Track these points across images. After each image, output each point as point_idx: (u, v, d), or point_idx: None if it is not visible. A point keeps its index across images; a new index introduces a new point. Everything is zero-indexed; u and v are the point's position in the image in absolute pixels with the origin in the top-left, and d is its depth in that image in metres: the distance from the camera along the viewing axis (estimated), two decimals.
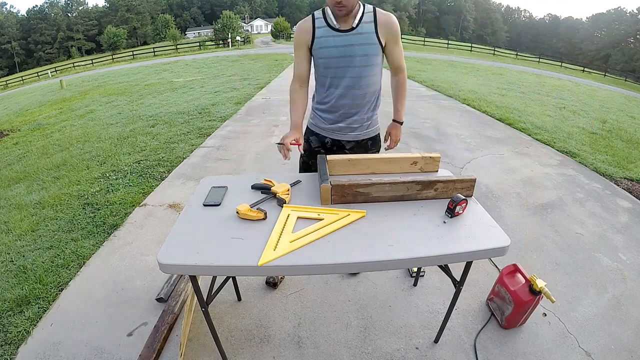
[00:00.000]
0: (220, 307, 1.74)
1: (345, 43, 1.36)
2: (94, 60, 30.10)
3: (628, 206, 2.83)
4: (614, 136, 4.90)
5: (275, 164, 3.52)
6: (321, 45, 1.38)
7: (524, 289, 1.52)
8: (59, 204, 2.84)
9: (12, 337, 1.62)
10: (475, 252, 1.06)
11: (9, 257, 2.22)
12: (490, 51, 28.24)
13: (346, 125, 1.53)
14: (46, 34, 58.17)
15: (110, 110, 6.55)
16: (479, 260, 1.95)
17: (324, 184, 1.21)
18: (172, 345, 1.55)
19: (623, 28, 54.17)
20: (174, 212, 2.64)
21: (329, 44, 1.37)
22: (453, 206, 1.15)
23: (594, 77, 22.77)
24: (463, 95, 6.87)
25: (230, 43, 28.49)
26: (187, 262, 0.99)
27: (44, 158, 4.10)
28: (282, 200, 1.23)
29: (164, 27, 52.09)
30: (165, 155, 3.72)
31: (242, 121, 5.11)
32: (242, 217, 1.15)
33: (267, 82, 8.53)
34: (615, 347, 1.57)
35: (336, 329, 1.64)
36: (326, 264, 1.00)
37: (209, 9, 76.82)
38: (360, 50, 1.37)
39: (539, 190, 3.02)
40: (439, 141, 4.21)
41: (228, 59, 15.81)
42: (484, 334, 1.61)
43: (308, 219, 1.17)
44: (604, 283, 1.96)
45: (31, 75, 28.90)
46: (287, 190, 1.29)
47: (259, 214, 1.15)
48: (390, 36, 1.40)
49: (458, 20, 77.21)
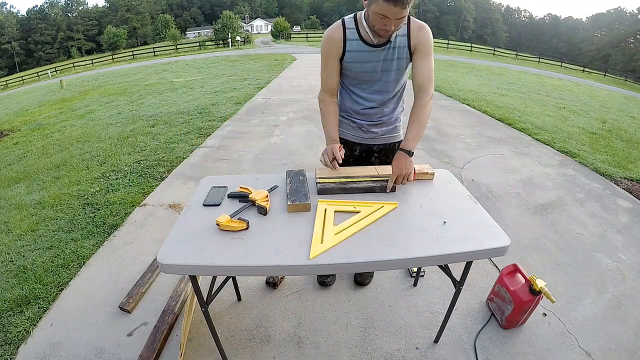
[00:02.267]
0: (220, 307, 1.74)
1: (380, 58, 1.29)
2: (94, 60, 30.11)
3: (628, 206, 2.83)
4: (614, 136, 4.90)
5: (275, 164, 3.52)
6: (353, 59, 1.30)
7: (524, 289, 1.53)
8: (59, 204, 2.84)
9: (12, 337, 1.62)
10: (475, 252, 1.05)
11: (9, 257, 2.22)
12: (490, 51, 28.25)
13: (376, 129, 1.50)
14: (46, 34, 58.20)
15: (110, 110, 6.55)
16: (479, 260, 1.94)
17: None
18: (172, 345, 1.55)
19: (623, 28, 54.18)
20: (174, 212, 2.64)
21: (362, 59, 1.29)
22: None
23: (594, 77, 22.77)
24: (463, 95, 6.87)
25: (230, 43, 28.48)
26: (187, 262, 0.99)
27: (44, 158, 4.10)
28: (262, 208, 1.18)
29: (164, 27, 52.13)
30: (165, 155, 3.72)
31: (242, 121, 5.11)
32: (223, 228, 1.10)
33: (267, 82, 8.53)
34: (615, 347, 1.57)
35: (336, 329, 1.64)
36: (327, 264, 1.00)
37: (209, 9, 76.86)
38: (396, 64, 1.31)
39: (539, 190, 3.02)
40: (439, 141, 4.20)
41: (228, 59, 15.80)
42: (484, 334, 1.61)
43: (345, 212, 1.20)
44: (604, 283, 1.96)
45: (31, 75, 28.91)
46: (266, 196, 1.25)
47: (240, 224, 1.11)
48: (420, 48, 1.27)
49: (458, 20, 77.21)
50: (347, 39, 1.28)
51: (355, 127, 1.51)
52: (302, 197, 1.23)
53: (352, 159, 1.58)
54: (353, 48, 1.29)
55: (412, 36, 1.27)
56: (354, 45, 1.28)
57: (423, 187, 1.36)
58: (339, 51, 1.30)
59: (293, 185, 1.30)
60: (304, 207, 1.20)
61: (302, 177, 1.35)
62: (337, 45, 1.29)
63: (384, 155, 1.59)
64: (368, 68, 1.32)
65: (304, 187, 1.28)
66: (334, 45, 1.30)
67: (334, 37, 1.30)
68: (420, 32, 1.27)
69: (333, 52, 1.31)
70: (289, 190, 1.27)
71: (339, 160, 1.33)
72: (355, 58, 1.31)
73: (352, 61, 1.32)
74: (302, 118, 5.10)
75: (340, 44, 1.29)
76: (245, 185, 1.34)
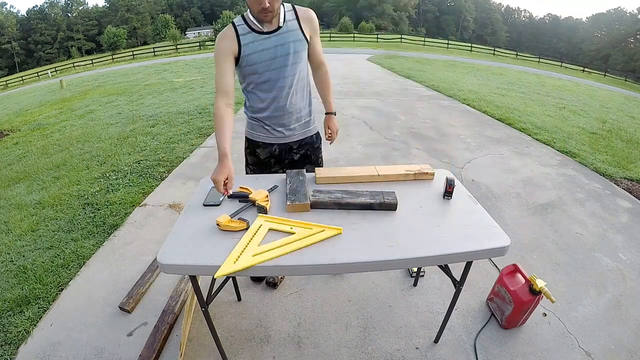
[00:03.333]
0: (220, 307, 1.74)
1: (276, 43, 1.33)
2: (94, 60, 30.08)
3: (628, 206, 2.83)
4: (614, 136, 4.90)
5: None
6: (251, 50, 1.32)
7: (524, 289, 1.53)
8: (59, 204, 2.84)
9: (12, 337, 1.62)
10: (475, 252, 1.06)
11: (9, 257, 2.22)
12: (490, 51, 28.23)
13: (293, 126, 1.52)
14: (46, 34, 58.18)
15: (110, 110, 6.55)
16: (479, 260, 1.95)
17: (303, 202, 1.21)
18: (172, 345, 1.55)
19: (623, 28, 54.17)
20: (174, 212, 2.64)
21: (259, 47, 1.32)
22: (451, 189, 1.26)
23: (594, 77, 22.76)
24: (463, 95, 6.87)
25: None
26: (187, 262, 0.99)
27: (44, 158, 4.10)
28: (262, 208, 1.19)
29: (164, 27, 52.14)
30: (165, 155, 3.72)
31: (242, 121, 5.10)
32: (224, 228, 1.11)
33: None
34: (615, 347, 1.57)
35: (336, 329, 1.64)
36: (327, 264, 1.00)
37: (209, 9, 76.83)
38: (293, 47, 1.36)
39: (539, 190, 3.02)
40: (439, 141, 4.20)
41: None
42: (484, 334, 1.61)
43: (279, 232, 1.11)
44: (604, 283, 1.96)
45: (31, 75, 28.89)
46: (266, 196, 1.24)
47: (241, 224, 1.11)
48: (313, 30, 1.42)
49: (458, 20, 77.21)
50: (240, 34, 1.31)
51: (269, 129, 1.51)
52: (302, 197, 1.23)
53: (273, 159, 1.59)
54: (247, 40, 1.32)
55: (302, 21, 1.38)
56: (248, 37, 1.32)
57: (423, 187, 1.36)
58: (234, 47, 1.31)
59: (293, 186, 1.30)
60: (304, 207, 1.20)
61: (302, 177, 1.35)
62: (231, 40, 1.31)
63: (304, 149, 1.60)
64: (266, 56, 1.34)
65: (304, 187, 1.28)
66: (227, 41, 1.31)
67: (227, 34, 1.32)
68: (307, 13, 1.40)
69: (227, 49, 1.31)
70: (288, 190, 1.27)
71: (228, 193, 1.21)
72: (252, 49, 1.32)
73: (250, 53, 1.32)
74: None
75: (234, 39, 1.31)
76: (245, 185, 1.34)
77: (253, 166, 1.64)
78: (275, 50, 1.34)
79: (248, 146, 1.62)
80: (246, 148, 1.63)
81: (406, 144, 4.05)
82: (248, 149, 1.62)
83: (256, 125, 1.54)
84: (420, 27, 75.37)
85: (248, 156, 1.64)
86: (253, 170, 1.64)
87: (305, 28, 1.38)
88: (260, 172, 1.61)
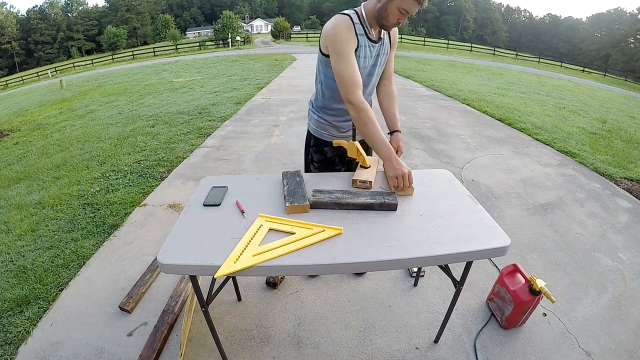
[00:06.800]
0: (220, 307, 1.74)
1: (376, 53, 1.35)
2: (94, 60, 30.10)
3: (628, 206, 2.83)
4: (613, 136, 4.90)
5: (275, 164, 3.52)
6: (362, 54, 1.30)
7: (524, 289, 1.53)
8: (59, 204, 2.84)
9: (12, 337, 1.62)
10: (475, 252, 1.05)
11: (9, 257, 2.22)
12: (490, 51, 28.25)
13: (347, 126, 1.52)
14: (46, 34, 58.18)
15: (110, 110, 6.55)
16: (479, 260, 1.95)
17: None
18: (172, 345, 1.55)
19: (623, 28, 54.18)
20: (174, 212, 2.64)
21: (367, 53, 1.32)
22: None
23: (594, 77, 22.78)
24: (463, 95, 6.87)
25: (230, 43, 28.48)
26: (187, 262, 0.99)
27: (44, 158, 4.10)
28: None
29: (164, 27, 52.18)
30: (165, 155, 3.72)
31: (242, 121, 5.11)
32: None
33: (267, 82, 8.53)
34: (615, 347, 1.57)
35: (336, 329, 1.64)
36: (327, 264, 1.00)
37: (209, 9, 76.87)
38: (383, 59, 1.40)
39: (539, 190, 3.02)
40: (439, 141, 4.20)
41: (228, 59, 15.80)
42: (484, 334, 1.61)
43: (280, 232, 1.10)
44: (604, 283, 1.96)
45: (31, 75, 28.91)
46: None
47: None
48: (394, 41, 1.43)
49: (458, 20, 77.23)
50: (358, 34, 1.27)
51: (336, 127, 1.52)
52: (301, 198, 1.23)
53: (338, 157, 1.58)
54: (362, 42, 1.29)
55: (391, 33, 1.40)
56: (363, 40, 1.29)
57: (423, 187, 1.36)
58: (354, 43, 1.26)
59: (290, 187, 1.30)
60: (302, 209, 1.20)
61: (298, 178, 1.35)
62: (353, 36, 1.26)
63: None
64: (369, 63, 1.35)
65: (302, 189, 1.28)
66: (352, 34, 1.25)
67: (350, 27, 1.24)
68: (395, 30, 1.41)
69: (352, 42, 1.25)
70: (286, 192, 1.27)
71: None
72: (363, 53, 1.30)
73: (360, 56, 1.29)
74: (302, 118, 5.10)
75: (355, 36, 1.26)
76: (245, 185, 1.34)
77: (318, 164, 1.61)
78: (376, 59, 1.37)
79: (315, 144, 1.59)
80: (312, 146, 1.60)
81: (406, 144, 4.04)
82: (315, 146, 1.60)
83: (327, 126, 1.52)
84: (420, 27, 75.41)
85: (314, 154, 1.61)
86: (318, 168, 1.62)
87: (391, 39, 1.40)
88: (325, 170, 1.59)
